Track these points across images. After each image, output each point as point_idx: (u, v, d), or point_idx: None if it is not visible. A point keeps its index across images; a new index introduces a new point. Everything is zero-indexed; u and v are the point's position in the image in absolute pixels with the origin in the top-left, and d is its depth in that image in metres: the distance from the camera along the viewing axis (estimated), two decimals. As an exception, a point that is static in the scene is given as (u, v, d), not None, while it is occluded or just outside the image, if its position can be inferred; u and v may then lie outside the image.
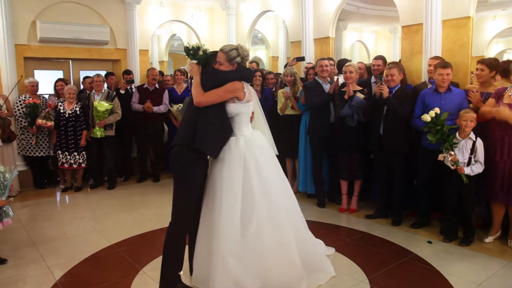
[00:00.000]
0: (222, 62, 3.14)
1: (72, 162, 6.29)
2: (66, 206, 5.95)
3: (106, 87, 6.74)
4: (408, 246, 4.09)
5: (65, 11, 7.00)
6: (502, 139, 3.98)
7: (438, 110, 4.04)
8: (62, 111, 6.23)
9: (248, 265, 3.01)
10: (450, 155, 3.98)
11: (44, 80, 6.92)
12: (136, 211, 5.45)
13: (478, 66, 4.36)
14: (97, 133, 6.31)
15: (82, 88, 7.13)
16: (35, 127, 6.21)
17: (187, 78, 7.23)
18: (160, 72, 7.95)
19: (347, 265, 3.69)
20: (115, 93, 6.71)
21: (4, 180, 3.77)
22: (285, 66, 6.68)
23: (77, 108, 6.27)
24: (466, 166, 3.99)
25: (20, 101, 6.32)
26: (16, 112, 6.29)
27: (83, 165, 6.40)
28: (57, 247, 4.25)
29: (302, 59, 6.64)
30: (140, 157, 7.14)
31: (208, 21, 8.98)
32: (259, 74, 6.06)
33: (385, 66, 5.27)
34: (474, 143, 4.00)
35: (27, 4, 6.64)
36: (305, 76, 6.12)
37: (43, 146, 6.46)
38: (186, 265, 3.31)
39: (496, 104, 4.02)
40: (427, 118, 4.05)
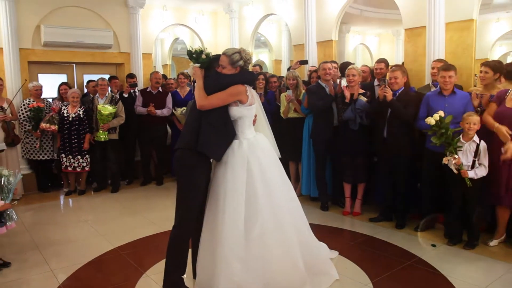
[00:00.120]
0: (225, 65, 3.14)
1: (75, 165, 6.31)
2: (69, 210, 5.96)
3: (109, 90, 6.76)
4: (412, 249, 4.07)
5: (69, 15, 7.04)
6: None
7: (442, 113, 4.02)
8: (65, 114, 6.26)
9: (251, 268, 3.01)
10: (454, 158, 3.96)
11: (48, 84, 6.95)
12: (140, 215, 5.45)
13: (482, 68, 4.35)
14: (101, 136, 6.33)
15: (85, 91, 7.17)
16: (39, 130, 6.25)
17: (190, 81, 7.24)
18: (164, 76, 7.97)
19: (351, 268, 3.68)
20: (118, 96, 6.74)
21: (8, 184, 3.79)
22: (288, 69, 6.68)
23: (80, 112, 6.30)
24: (470, 169, 3.98)
25: (24, 105, 6.35)
26: (20, 115, 6.32)
27: (86, 168, 6.43)
28: (60, 250, 4.26)
29: (305, 62, 6.64)
30: (143, 160, 7.16)
31: (211, 24, 9.01)
32: (262, 77, 6.07)
33: (387, 69, 5.27)
34: (478, 146, 3.99)
35: (32, 9, 6.69)
36: (308, 79, 6.12)
37: (47, 150, 6.48)
38: (190, 268, 3.31)
39: (497, 108, 4.03)
40: (431, 121, 4.02)
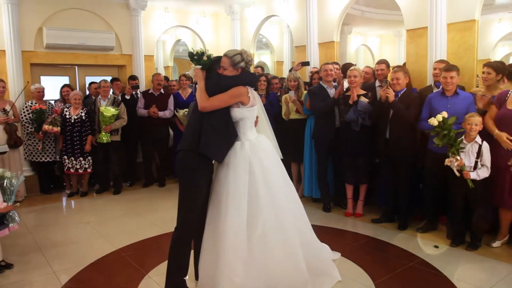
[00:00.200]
0: (226, 67, 3.15)
1: (78, 167, 6.32)
2: (72, 211, 5.97)
3: (111, 92, 6.77)
4: (414, 250, 4.06)
5: (71, 17, 7.06)
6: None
7: (446, 114, 4.00)
8: (67, 116, 6.27)
9: (253, 269, 3.00)
10: (456, 159, 3.95)
11: (50, 86, 6.97)
12: (142, 216, 5.45)
13: (484, 69, 4.34)
14: (103, 138, 6.34)
15: (87, 93, 7.18)
16: (41, 132, 6.26)
17: (192, 83, 7.25)
18: (165, 78, 7.98)
19: (353, 269, 3.67)
20: (120, 98, 6.75)
21: (10, 186, 3.80)
22: (290, 71, 6.68)
23: (82, 114, 6.31)
24: (472, 170, 3.96)
25: (26, 107, 6.37)
26: (22, 117, 6.34)
27: (88, 170, 6.44)
28: (63, 252, 4.27)
29: (307, 64, 6.64)
30: (145, 162, 7.17)
31: (212, 26, 9.02)
32: (264, 79, 6.06)
33: (388, 70, 5.27)
34: (480, 146, 3.98)
35: (34, 11, 6.71)
36: (309, 81, 6.12)
37: (50, 152, 6.50)
38: (192, 270, 3.31)
39: (498, 111, 4.02)
40: (434, 122, 4.00)
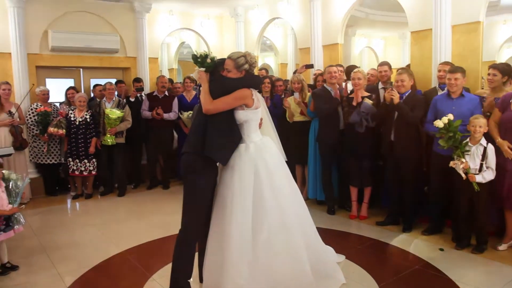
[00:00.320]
0: (230, 69, 3.15)
1: (82, 169, 6.34)
2: (76, 213, 5.99)
3: (116, 95, 6.80)
4: (419, 253, 4.04)
5: (76, 20, 7.10)
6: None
7: (451, 116, 3.98)
8: (72, 118, 6.30)
9: (258, 271, 3.00)
10: (461, 162, 3.93)
11: (55, 88, 7.01)
12: (146, 218, 5.46)
13: (490, 71, 4.33)
14: (108, 140, 6.36)
15: (92, 96, 7.21)
16: (46, 135, 6.29)
17: (196, 85, 7.26)
18: (170, 80, 8.00)
19: (358, 272, 3.66)
20: (125, 100, 6.77)
21: (16, 188, 3.82)
22: (294, 73, 6.67)
23: (87, 116, 6.34)
24: (477, 173, 3.94)
25: (32, 109, 6.41)
26: (28, 120, 6.37)
27: (93, 172, 6.45)
28: (67, 254, 4.28)
29: (311, 66, 6.63)
30: (150, 164, 7.17)
31: (217, 28, 9.04)
32: (268, 81, 6.06)
33: (391, 72, 5.27)
34: (486, 149, 3.95)
35: (40, 14, 6.76)
36: (314, 83, 6.11)
37: (54, 154, 6.53)
38: (196, 272, 3.31)
39: (502, 114, 4.01)
40: (439, 124, 3.99)
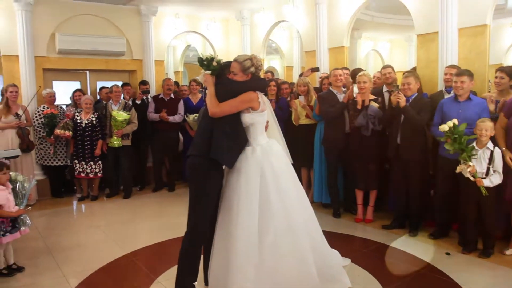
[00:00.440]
0: (236, 72, 3.15)
1: (88, 171, 6.37)
2: (82, 215, 6.02)
3: (122, 97, 6.82)
4: (425, 257, 4.01)
5: (83, 23, 7.14)
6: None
7: (456, 121, 3.96)
8: (78, 121, 6.33)
9: (264, 274, 2.99)
10: (468, 166, 3.90)
11: (62, 91, 7.05)
12: (152, 221, 5.47)
13: (497, 74, 4.33)
14: (114, 142, 6.38)
15: (98, 98, 7.24)
16: (53, 137, 6.31)
17: (202, 88, 7.27)
18: (176, 83, 8.02)
19: (363, 276, 3.64)
20: (131, 103, 6.79)
21: (22, 189, 3.84)
22: (299, 76, 6.67)
23: (93, 118, 6.36)
24: (485, 176, 3.91)
25: (38, 111, 6.44)
26: (34, 122, 6.41)
27: (99, 174, 6.48)
28: (73, 255, 4.29)
29: (317, 70, 6.63)
30: (155, 166, 7.18)
31: (223, 31, 9.06)
32: (274, 84, 6.06)
33: (395, 74, 5.27)
34: (492, 152, 3.93)
35: (47, 17, 6.81)
36: (319, 86, 6.11)
37: (61, 156, 6.55)
38: (201, 275, 3.30)
39: (509, 120, 4.00)
40: (444, 128, 3.97)
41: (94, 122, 6.36)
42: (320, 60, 6.91)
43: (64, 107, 6.94)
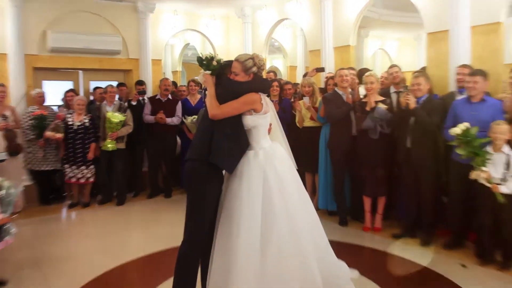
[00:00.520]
0: (238, 72, 3.13)
1: (79, 176, 6.29)
2: (72, 223, 5.97)
3: (117, 98, 6.77)
4: (439, 269, 3.95)
5: (76, 20, 7.13)
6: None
7: (468, 125, 3.91)
8: (70, 123, 6.26)
9: (267, 286, 2.92)
10: (483, 172, 3.83)
11: (53, 91, 7.01)
12: (147, 229, 5.42)
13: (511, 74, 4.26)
14: (108, 145, 6.31)
15: (91, 99, 7.19)
16: (43, 139, 6.23)
17: (201, 89, 7.23)
18: (173, 83, 7.99)
19: (373, 289, 3.57)
20: (127, 104, 6.74)
21: (8, 196, 3.75)
22: (303, 76, 6.63)
23: (86, 120, 6.30)
24: (501, 182, 3.83)
25: (27, 112, 6.37)
26: (23, 124, 6.32)
27: (91, 179, 6.40)
28: (61, 267, 4.22)
29: (322, 70, 6.62)
30: (151, 171, 7.13)
31: (223, 29, 9.04)
32: (277, 84, 6.03)
33: (402, 73, 5.27)
34: (509, 157, 3.85)
35: (38, 14, 6.79)
36: (324, 87, 6.07)
37: (51, 160, 6.45)
38: (199, 287, 3.23)
39: None
40: (456, 131, 3.93)
41: (87, 124, 6.29)
42: (325, 60, 6.91)
43: (55, 108, 6.88)
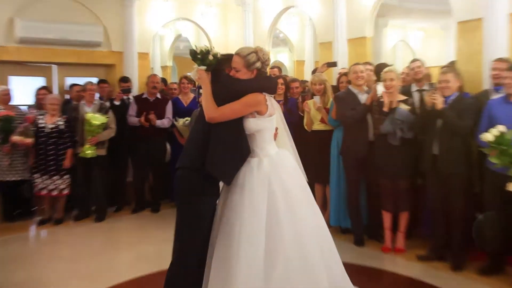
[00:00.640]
0: (239, 68, 3.15)
1: (52, 188, 6.26)
2: (42, 244, 5.98)
3: (97, 97, 6.77)
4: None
5: (50, 7, 7.18)
6: None
7: (504, 128, 3.92)
8: (42, 125, 6.25)
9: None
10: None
11: (22, 88, 7.02)
12: (131, 250, 5.43)
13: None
14: (87, 152, 6.27)
15: (67, 98, 7.20)
16: (9, 145, 6.20)
17: (194, 86, 7.25)
18: (163, 80, 8.02)
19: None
20: (109, 104, 6.75)
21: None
22: (312, 73, 6.64)
23: (60, 122, 6.29)
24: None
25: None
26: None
27: (65, 191, 6.37)
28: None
29: (334, 64, 6.64)
30: (136, 182, 7.15)
31: (220, 19, 9.09)
32: (282, 81, 6.05)
33: (425, 68, 5.33)
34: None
35: (4, -1, 6.80)
36: (336, 85, 6.08)
37: (18, 168, 6.39)
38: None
39: None
40: (488, 137, 3.93)
41: (62, 127, 6.29)
42: (338, 54, 6.97)
43: (24, 108, 6.88)
